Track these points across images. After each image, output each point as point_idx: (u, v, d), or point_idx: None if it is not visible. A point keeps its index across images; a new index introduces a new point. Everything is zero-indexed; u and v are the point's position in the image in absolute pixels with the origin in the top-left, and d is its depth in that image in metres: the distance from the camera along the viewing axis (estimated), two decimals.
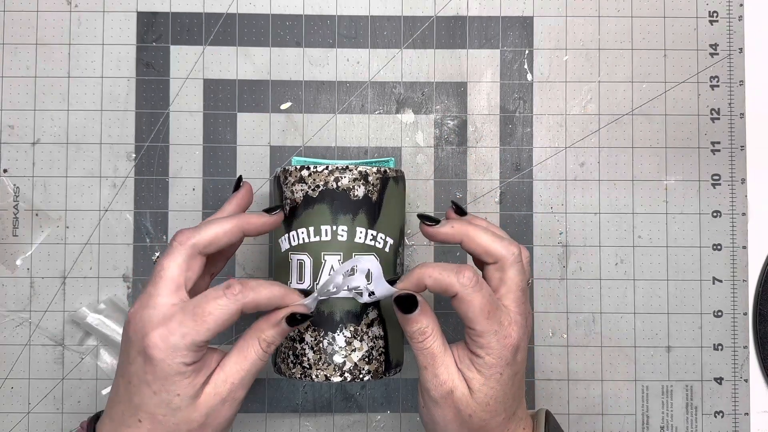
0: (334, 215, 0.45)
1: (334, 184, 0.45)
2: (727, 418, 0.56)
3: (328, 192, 0.45)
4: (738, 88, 0.57)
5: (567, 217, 0.56)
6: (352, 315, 0.45)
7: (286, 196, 0.46)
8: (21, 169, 0.56)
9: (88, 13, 0.56)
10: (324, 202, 0.45)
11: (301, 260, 0.45)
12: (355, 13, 0.57)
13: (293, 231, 0.46)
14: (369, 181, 0.46)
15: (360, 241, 0.45)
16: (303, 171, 0.46)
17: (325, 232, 0.45)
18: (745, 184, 0.56)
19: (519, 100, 0.57)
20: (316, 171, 0.45)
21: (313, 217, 0.45)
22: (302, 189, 0.46)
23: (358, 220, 0.45)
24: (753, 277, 0.56)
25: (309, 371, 0.45)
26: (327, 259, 0.45)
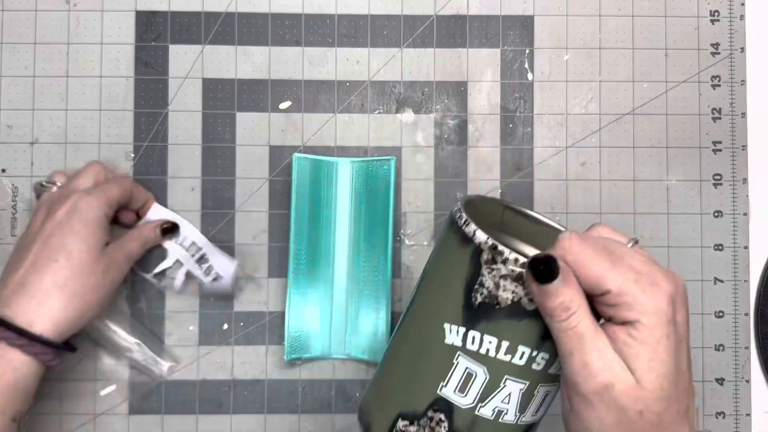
0: (541, 339, 0.34)
1: None
2: (729, 418, 0.56)
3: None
4: (739, 87, 0.57)
5: (568, 217, 0.56)
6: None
7: (483, 283, 0.35)
8: (19, 169, 0.56)
9: (86, 12, 0.56)
10: (538, 320, 0.34)
11: (473, 372, 0.35)
12: (355, 12, 0.57)
13: (476, 332, 0.35)
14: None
15: (554, 371, 0.36)
16: (527, 270, 0.34)
17: (520, 355, 0.35)
18: (746, 184, 0.56)
19: (519, 99, 0.57)
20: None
21: (513, 331, 0.34)
22: (515, 291, 0.34)
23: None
24: (754, 278, 0.56)
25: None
26: (508, 385, 0.35)
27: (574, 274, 0.33)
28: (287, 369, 0.55)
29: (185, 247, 0.55)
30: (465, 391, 0.36)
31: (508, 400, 0.35)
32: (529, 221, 0.41)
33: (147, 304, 0.55)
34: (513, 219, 0.41)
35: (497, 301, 0.34)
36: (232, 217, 0.56)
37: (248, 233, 0.56)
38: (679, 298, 0.34)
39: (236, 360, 0.55)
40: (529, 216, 0.41)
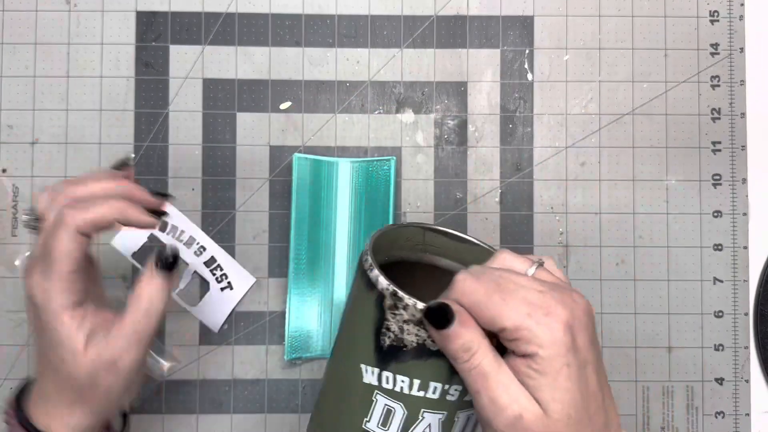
0: (451, 374, 0.35)
1: None
2: (728, 418, 0.56)
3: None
4: (739, 87, 0.57)
5: (567, 217, 0.56)
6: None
7: (389, 327, 0.36)
8: (20, 169, 0.56)
9: (87, 12, 0.56)
10: (443, 359, 0.35)
11: (392, 408, 0.37)
12: (355, 13, 0.57)
13: (389, 372, 0.36)
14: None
15: (467, 399, 0.37)
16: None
17: (433, 390, 0.36)
18: (746, 184, 0.56)
19: (519, 99, 0.57)
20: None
21: (422, 370, 0.36)
22: (418, 335, 0.35)
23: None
24: (754, 278, 0.56)
25: None
26: (426, 417, 0.36)
27: (471, 314, 0.34)
28: (287, 369, 0.55)
29: (183, 241, 0.55)
30: (387, 425, 0.37)
31: (429, 429, 0.37)
32: (451, 240, 0.42)
33: None
34: (435, 239, 0.42)
35: (403, 343, 0.35)
36: (232, 217, 0.56)
37: (248, 233, 0.56)
38: (577, 323, 0.33)
39: (236, 360, 0.55)
40: (451, 235, 0.42)
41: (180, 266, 0.39)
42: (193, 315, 0.56)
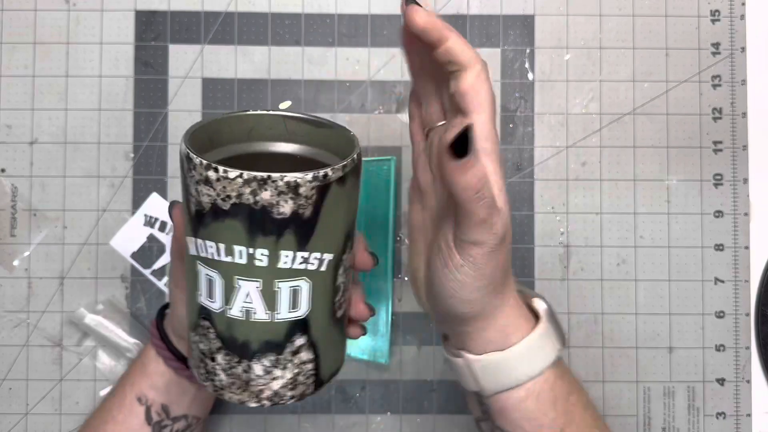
0: (250, 236, 0.35)
1: (251, 197, 0.34)
2: (729, 419, 0.55)
3: (242, 207, 0.34)
4: (740, 87, 0.56)
5: (568, 217, 0.56)
6: (273, 345, 0.38)
7: (190, 192, 0.36)
8: (19, 169, 0.56)
9: (86, 12, 0.56)
10: (237, 219, 0.35)
11: (211, 277, 0.37)
12: (355, 12, 0.56)
13: (200, 239, 0.36)
14: (300, 193, 0.35)
15: (286, 266, 0.36)
16: (210, 172, 0.34)
17: (239, 254, 0.36)
18: (747, 184, 0.56)
19: (520, 99, 0.56)
20: (226, 178, 0.34)
21: (224, 234, 0.35)
22: (209, 194, 0.35)
23: (283, 243, 0.35)
24: (755, 278, 0.56)
25: (221, 391, 0.39)
26: (242, 285, 0.36)
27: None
28: None
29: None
30: (212, 297, 0.37)
31: (250, 299, 0.37)
32: (313, 126, 0.41)
33: (147, 304, 0.55)
34: (297, 127, 0.41)
35: (202, 206, 0.35)
36: None
37: None
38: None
39: None
40: (311, 121, 0.41)
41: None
42: None
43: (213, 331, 0.38)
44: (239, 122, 0.40)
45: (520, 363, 0.39)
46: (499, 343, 0.39)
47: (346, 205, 0.37)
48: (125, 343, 0.54)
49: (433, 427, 0.56)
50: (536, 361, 0.39)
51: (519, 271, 0.56)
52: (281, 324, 0.37)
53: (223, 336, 0.38)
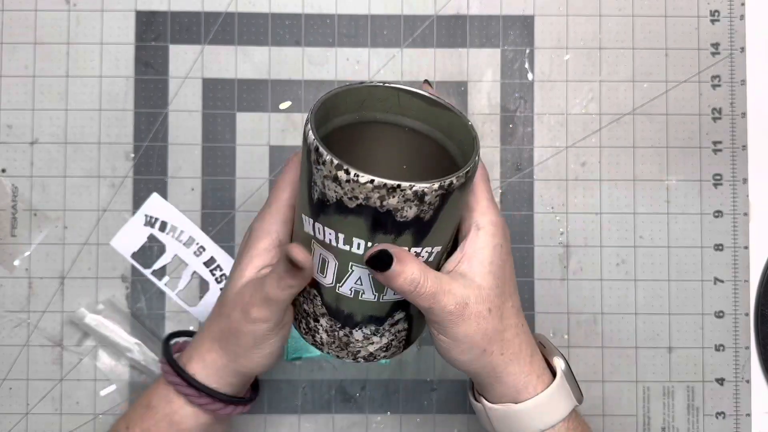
0: (371, 233, 0.37)
1: (378, 202, 0.36)
2: (729, 419, 0.55)
3: (367, 208, 0.36)
4: (740, 87, 0.56)
5: (568, 217, 0.56)
6: (375, 318, 0.41)
7: (315, 181, 0.37)
8: (19, 169, 0.56)
9: (86, 12, 0.56)
10: (361, 217, 0.36)
11: (326, 258, 0.39)
12: (355, 12, 0.57)
13: (320, 224, 0.38)
14: (425, 201, 0.36)
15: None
16: (340, 172, 0.35)
17: (357, 245, 0.37)
18: (746, 184, 0.56)
19: (520, 99, 0.57)
20: (356, 181, 0.35)
21: (345, 226, 0.37)
22: (336, 191, 0.36)
23: (401, 241, 0.37)
24: (755, 278, 0.56)
25: (320, 346, 0.42)
26: (355, 270, 0.38)
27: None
28: (287, 369, 0.55)
29: (182, 242, 0.55)
30: (324, 273, 0.39)
31: (361, 282, 0.39)
32: (425, 103, 0.42)
33: (147, 304, 0.55)
34: (409, 101, 0.42)
35: (326, 198, 0.37)
36: (232, 217, 0.56)
37: None
38: (504, 226, 0.41)
39: None
40: (425, 98, 0.42)
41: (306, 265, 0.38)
42: (193, 315, 0.56)
43: (320, 299, 0.41)
44: (355, 94, 0.41)
45: (531, 416, 0.41)
46: (512, 397, 0.42)
47: (461, 204, 0.39)
48: (125, 343, 0.54)
49: (433, 427, 0.56)
50: (548, 415, 0.42)
51: (519, 271, 0.56)
52: (386, 303, 0.40)
53: (330, 306, 0.40)
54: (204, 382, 0.43)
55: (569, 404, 0.42)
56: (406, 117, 0.43)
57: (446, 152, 0.42)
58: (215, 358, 0.43)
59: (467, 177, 0.37)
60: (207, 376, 0.43)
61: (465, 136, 0.40)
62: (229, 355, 0.43)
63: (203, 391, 0.43)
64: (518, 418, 0.42)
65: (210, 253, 0.55)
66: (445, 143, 0.42)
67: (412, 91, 0.41)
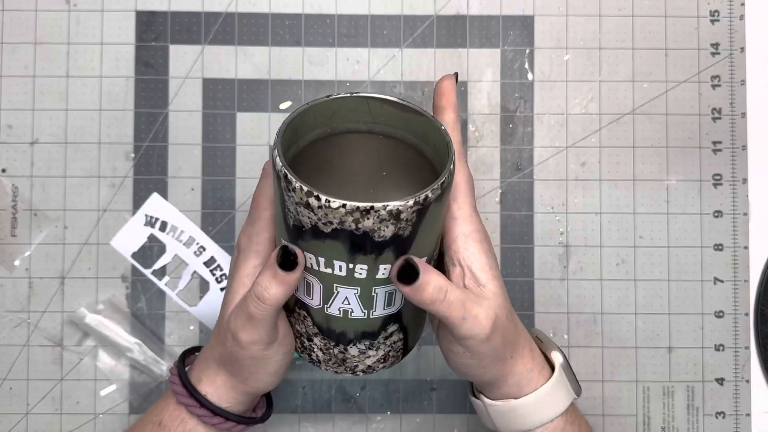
0: (351, 255, 0.36)
1: (353, 225, 0.35)
2: (729, 418, 0.56)
3: (343, 232, 0.35)
4: (739, 87, 0.57)
5: (568, 217, 0.56)
6: (368, 334, 0.41)
7: (289, 208, 0.37)
8: (19, 169, 0.56)
9: (86, 12, 0.56)
10: (338, 240, 0.36)
11: (310, 281, 0.39)
12: (355, 12, 0.57)
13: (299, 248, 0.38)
14: (401, 218, 0.35)
15: (383, 276, 0.38)
16: (311, 199, 0.35)
17: (339, 268, 0.37)
18: (746, 184, 0.56)
19: (520, 99, 0.57)
20: (328, 206, 0.35)
21: (324, 250, 0.37)
22: (310, 217, 0.36)
23: (382, 259, 0.37)
24: (754, 278, 0.56)
25: (318, 363, 0.42)
26: (341, 291, 0.38)
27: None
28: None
29: (182, 241, 0.55)
30: (311, 295, 0.39)
31: (348, 302, 0.39)
32: (396, 109, 0.41)
33: (147, 304, 0.55)
34: (380, 109, 0.41)
35: (301, 224, 0.36)
36: (232, 217, 0.56)
37: None
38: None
39: None
40: (395, 104, 0.40)
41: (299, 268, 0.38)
42: (193, 315, 0.56)
43: (310, 320, 0.41)
44: (323, 108, 0.40)
45: (531, 411, 0.42)
46: (514, 394, 0.42)
47: (441, 214, 0.39)
48: (126, 343, 0.54)
49: (433, 427, 0.56)
50: (547, 409, 0.42)
51: (519, 271, 0.56)
52: (377, 319, 0.40)
53: (321, 326, 0.40)
54: (216, 402, 0.43)
55: (568, 398, 0.43)
56: (379, 124, 0.42)
57: (423, 156, 0.42)
58: (225, 379, 0.43)
59: (443, 188, 0.36)
60: (219, 397, 0.43)
61: (439, 140, 0.39)
62: (236, 377, 0.43)
63: (217, 413, 0.43)
64: (519, 413, 0.42)
65: (210, 253, 0.55)
66: (421, 147, 0.42)
67: (382, 98, 0.40)
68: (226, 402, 0.43)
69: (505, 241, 0.56)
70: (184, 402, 0.43)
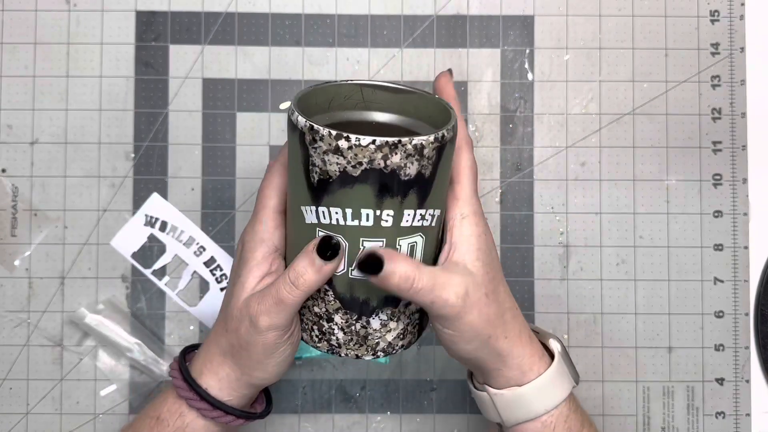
0: (379, 199, 0.37)
1: (382, 162, 0.36)
2: (729, 418, 0.56)
3: (373, 172, 0.37)
4: (739, 87, 0.57)
5: (568, 217, 0.56)
6: (390, 299, 0.41)
7: (314, 162, 0.37)
8: (19, 169, 0.56)
9: (86, 12, 0.56)
10: (367, 183, 0.37)
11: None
12: (355, 12, 0.57)
13: (323, 207, 0.38)
14: (424, 154, 0.37)
15: (407, 224, 0.39)
16: (341, 141, 0.36)
17: (366, 217, 0.38)
18: (746, 184, 0.56)
19: (520, 99, 0.57)
20: (359, 145, 0.36)
21: (352, 199, 0.37)
22: (338, 162, 0.37)
23: (407, 203, 0.38)
24: (754, 278, 0.56)
25: (337, 349, 0.42)
26: (367, 246, 0.39)
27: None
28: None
29: (182, 241, 0.55)
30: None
31: None
32: (389, 93, 0.42)
33: (147, 304, 0.55)
34: (373, 95, 0.43)
35: (328, 174, 0.37)
36: (232, 217, 0.56)
37: None
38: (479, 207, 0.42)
39: None
40: (388, 88, 0.42)
41: (339, 258, 0.39)
42: (193, 315, 0.56)
43: (332, 293, 0.41)
44: (323, 93, 0.41)
45: (536, 398, 0.42)
46: (517, 380, 0.42)
47: (451, 161, 0.40)
48: (126, 343, 0.54)
49: (433, 427, 0.56)
50: (551, 396, 0.42)
51: (519, 271, 0.56)
52: None
53: (343, 297, 0.40)
54: (216, 395, 0.43)
55: (568, 385, 0.43)
56: (374, 110, 0.43)
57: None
58: (228, 371, 0.43)
59: (454, 130, 0.39)
60: (220, 390, 0.43)
61: (434, 111, 0.41)
62: (242, 368, 0.43)
63: (217, 406, 0.43)
64: (525, 401, 0.42)
65: (210, 253, 0.55)
66: (417, 128, 0.43)
67: (374, 84, 0.42)
68: (227, 395, 0.43)
69: (505, 241, 0.56)
70: (184, 395, 0.43)
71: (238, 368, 0.43)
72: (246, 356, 0.42)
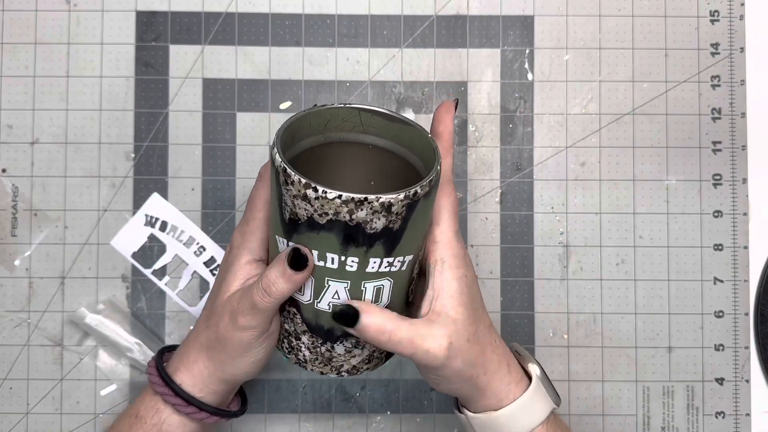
0: (343, 247, 0.38)
1: (347, 216, 0.37)
2: (729, 418, 0.56)
3: (338, 223, 0.37)
4: (739, 87, 0.57)
5: (568, 217, 0.56)
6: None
7: (286, 202, 0.39)
8: (20, 169, 0.56)
9: (87, 12, 0.56)
10: (332, 232, 0.38)
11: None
12: (355, 12, 0.57)
13: (292, 242, 0.40)
14: (392, 211, 0.37)
15: (373, 270, 0.39)
16: (309, 190, 0.37)
17: (331, 260, 0.39)
18: (746, 184, 0.56)
19: (520, 99, 0.57)
20: (325, 197, 0.37)
21: (318, 243, 0.38)
22: (306, 209, 0.38)
23: (372, 252, 0.39)
24: (754, 278, 0.56)
25: (304, 363, 0.44)
26: (331, 285, 0.40)
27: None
28: (287, 369, 0.55)
29: (182, 241, 0.55)
30: (302, 290, 0.41)
31: (338, 296, 0.40)
32: (386, 120, 0.43)
33: (147, 303, 0.55)
34: (371, 120, 0.43)
35: (297, 216, 0.38)
36: (232, 217, 0.56)
37: None
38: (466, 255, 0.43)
39: None
40: (386, 115, 0.43)
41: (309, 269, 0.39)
42: (193, 315, 0.56)
43: (299, 317, 0.42)
44: (319, 116, 0.42)
45: (512, 420, 0.43)
46: (494, 406, 0.44)
47: (428, 212, 0.41)
48: (126, 343, 0.54)
49: (433, 427, 0.56)
50: (528, 418, 0.44)
51: (519, 271, 0.56)
52: None
53: (310, 323, 0.42)
54: (190, 391, 0.44)
55: (547, 407, 0.44)
56: (369, 135, 0.44)
57: (410, 166, 0.44)
58: (201, 368, 0.44)
59: (431, 185, 0.39)
60: (193, 386, 0.44)
61: (426, 148, 0.42)
62: (215, 363, 0.44)
63: (190, 401, 0.44)
64: (500, 423, 0.43)
65: (210, 253, 0.55)
66: (408, 157, 0.44)
67: (372, 109, 0.43)
68: (201, 392, 0.44)
69: (505, 241, 0.56)
70: (159, 391, 0.44)
71: (212, 363, 0.44)
72: (221, 350, 0.43)
